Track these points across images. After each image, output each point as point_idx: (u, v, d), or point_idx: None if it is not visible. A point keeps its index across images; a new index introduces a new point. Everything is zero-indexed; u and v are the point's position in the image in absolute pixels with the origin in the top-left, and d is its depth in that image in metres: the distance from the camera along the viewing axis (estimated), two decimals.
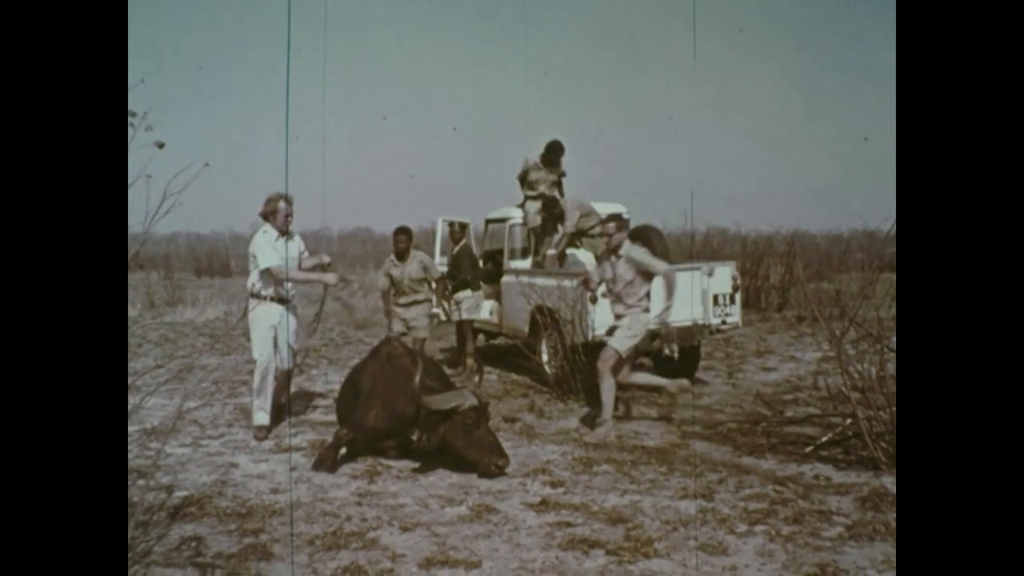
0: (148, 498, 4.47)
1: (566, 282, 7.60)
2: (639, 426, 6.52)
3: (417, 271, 7.72)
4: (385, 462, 5.49)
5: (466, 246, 9.12)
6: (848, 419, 5.56)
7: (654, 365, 8.26)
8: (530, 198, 8.93)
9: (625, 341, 6.31)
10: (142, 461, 5.10)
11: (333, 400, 7.27)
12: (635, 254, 6.36)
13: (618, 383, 6.42)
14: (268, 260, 6.04)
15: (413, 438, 5.28)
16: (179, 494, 4.82)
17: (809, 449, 5.57)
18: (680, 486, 4.91)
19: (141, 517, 4.06)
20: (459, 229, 9.19)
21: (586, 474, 5.22)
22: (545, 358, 8.07)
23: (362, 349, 10.48)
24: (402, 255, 7.74)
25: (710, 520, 4.35)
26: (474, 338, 9.30)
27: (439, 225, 10.12)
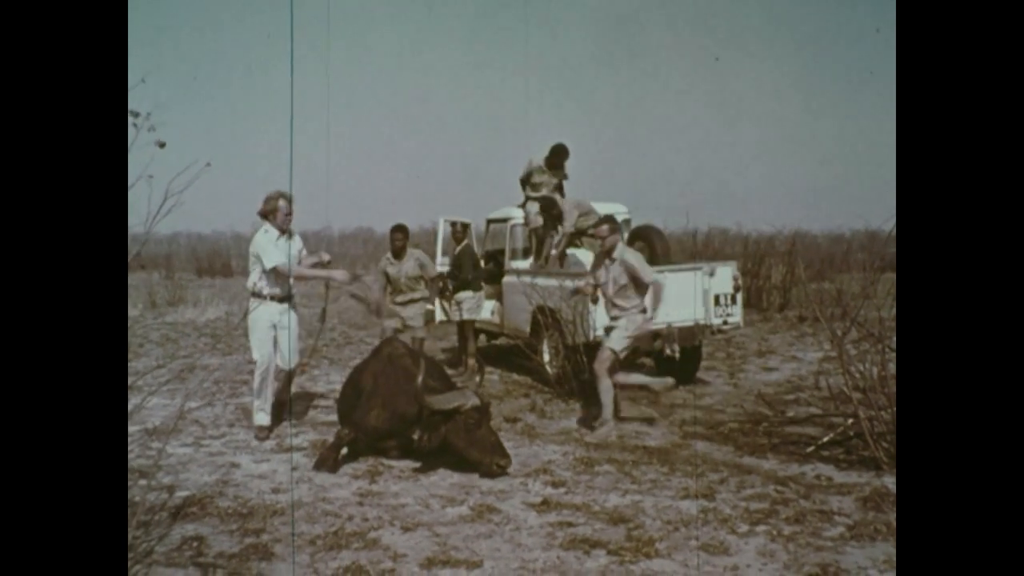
0: (150, 498, 4.48)
1: (567, 282, 7.60)
2: (640, 426, 6.51)
3: (414, 269, 7.71)
4: (386, 462, 5.49)
5: (468, 246, 9.11)
6: (850, 419, 5.56)
7: (655, 365, 8.27)
8: (531, 199, 8.92)
9: (622, 342, 6.31)
10: (144, 461, 5.11)
11: (334, 400, 7.27)
12: (628, 257, 6.33)
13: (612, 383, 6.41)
14: (273, 259, 6.03)
15: (414, 437, 5.28)
16: (180, 494, 4.82)
17: (810, 449, 5.57)
18: (681, 486, 4.91)
19: (143, 517, 4.06)
20: (461, 229, 9.18)
21: (587, 474, 5.22)
22: (546, 358, 8.07)
23: (363, 349, 10.48)
24: (399, 253, 7.75)
25: (711, 520, 4.35)
26: (476, 338, 9.30)
27: (440, 225, 10.11)
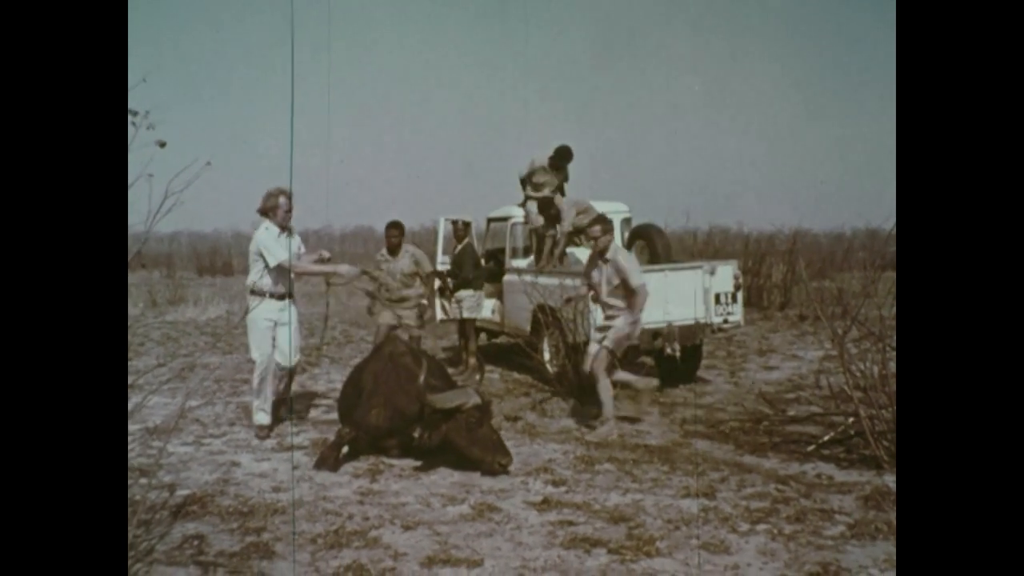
0: (150, 497, 4.47)
1: (567, 281, 7.60)
2: (641, 425, 6.51)
3: (408, 266, 7.66)
4: (387, 461, 5.49)
5: (469, 245, 9.11)
6: (850, 418, 5.56)
7: (656, 364, 8.26)
8: (532, 198, 8.92)
9: (620, 343, 6.31)
10: (144, 460, 5.11)
11: (335, 399, 7.28)
12: (619, 258, 6.32)
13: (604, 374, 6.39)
14: (278, 256, 6.01)
15: (415, 435, 5.28)
16: (181, 493, 4.82)
17: (811, 448, 5.57)
18: (682, 485, 4.91)
19: (143, 516, 4.06)
20: (463, 227, 9.17)
21: (588, 473, 5.22)
22: (547, 357, 8.07)
23: (364, 348, 10.48)
24: (394, 250, 7.70)
25: (712, 519, 4.34)
26: (476, 337, 9.30)
27: (441, 224, 10.10)
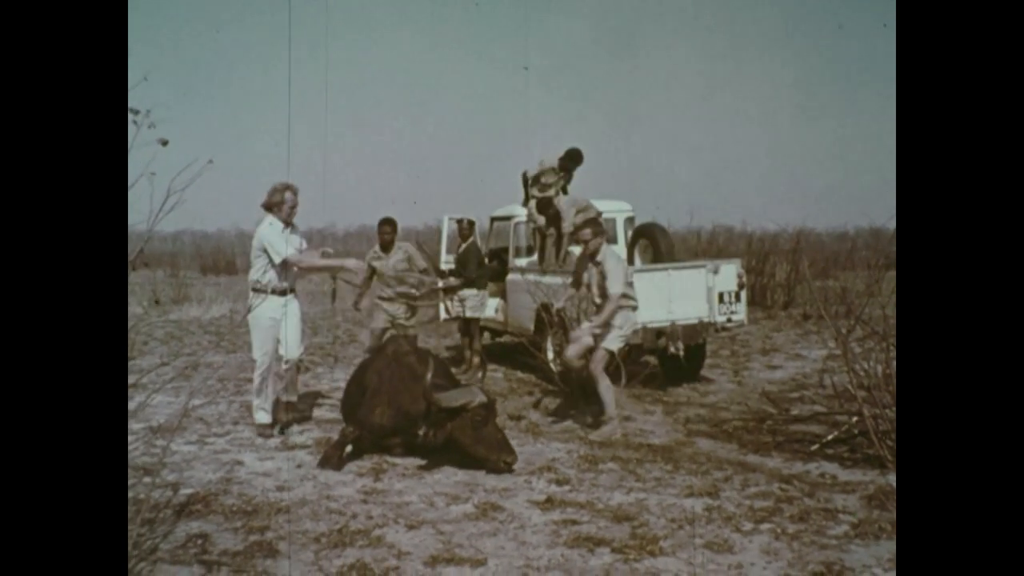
0: (154, 495, 4.47)
1: (570, 280, 7.58)
2: (645, 424, 6.51)
3: (402, 263, 7.51)
4: (391, 460, 5.49)
5: (473, 244, 9.11)
6: (854, 417, 5.55)
7: (660, 363, 8.26)
8: (534, 198, 8.92)
9: (616, 341, 6.30)
10: (148, 459, 5.11)
11: (339, 398, 7.28)
12: (607, 261, 6.28)
13: (576, 363, 6.38)
14: (282, 252, 5.99)
15: (419, 434, 5.28)
16: (185, 491, 4.83)
17: (815, 447, 5.56)
18: (686, 484, 4.90)
19: (147, 514, 4.06)
20: (467, 226, 9.17)
21: (592, 472, 5.21)
22: (551, 356, 8.06)
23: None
24: (386, 247, 7.54)
25: (716, 518, 4.34)
26: (480, 336, 9.29)
27: (445, 223, 10.09)
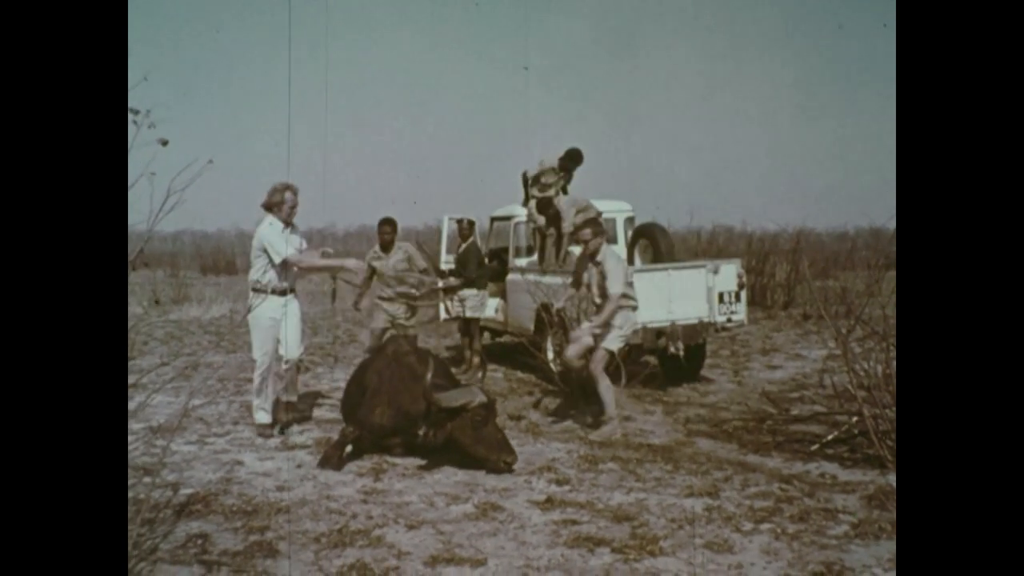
0: (154, 495, 4.47)
1: (571, 280, 7.59)
2: (645, 424, 6.51)
3: (402, 263, 7.48)
4: (391, 460, 5.49)
5: (473, 244, 9.11)
6: (854, 417, 5.55)
7: (660, 363, 8.26)
8: (534, 198, 8.92)
9: (616, 341, 6.31)
10: (148, 459, 5.11)
11: (339, 398, 7.27)
12: (607, 261, 6.27)
13: (575, 363, 6.40)
14: (282, 252, 5.98)
15: (419, 434, 5.28)
16: (185, 491, 4.83)
17: (815, 447, 5.56)
18: (686, 484, 4.90)
19: (147, 514, 4.06)
20: (467, 226, 9.16)
21: (592, 472, 5.21)
22: (551, 356, 8.06)
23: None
24: (386, 247, 7.50)
25: (716, 518, 4.34)
26: (480, 336, 9.29)
27: (445, 223, 10.09)
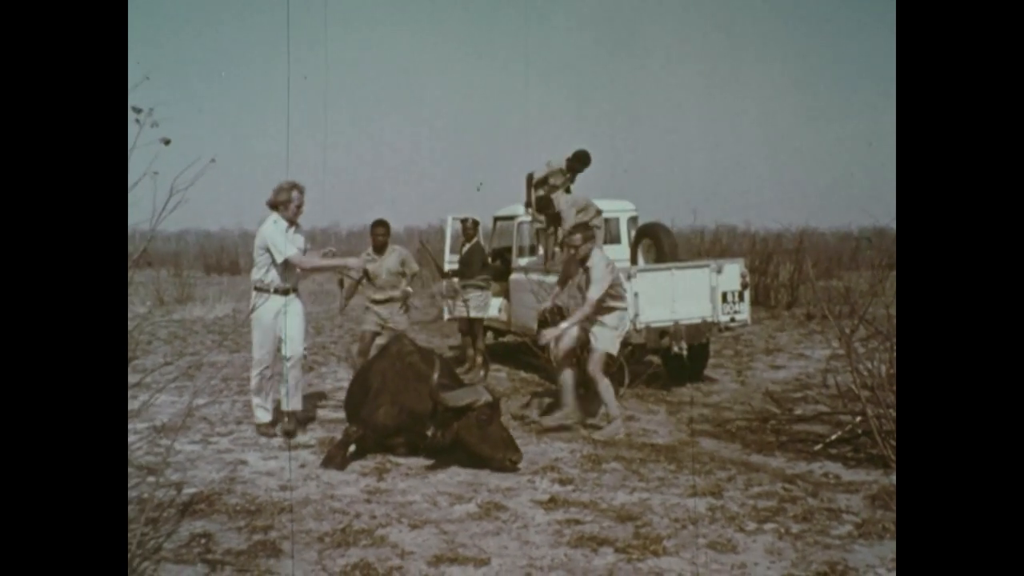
0: (158, 495, 4.49)
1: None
2: (648, 424, 6.51)
3: (395, 264, 7.40)
4: (394, 459, 5.49)
5: (478, 243, 9.11)
6: (857, 417, 5.55)
7: (663, 363, 8.26)
8: (539, 198, 8.91)
9: (614, 342, 6.31)
10: (152, 458, 5.12)
11: (339, 400, 7.28)
12: (595, 265, 6.22)
13: (574, 372, 6.43)
14: (285, 251, 5.96)
15: (428, 434, 5.28)
16: (188, 491, 4.83)
17: (818, 447, 5.56)
18: (689, 484, 4.90)
19: (151, 514, 4.07)
20: (471, 226, 9.16)
21: (595, 472, 5.21)
22: (553, 356, 8.05)
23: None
24: (380, 248, 7.44)
25: (719, 518, 4.34)
26: (483, 335, 9.29)
27: (449, 223, 10.09)
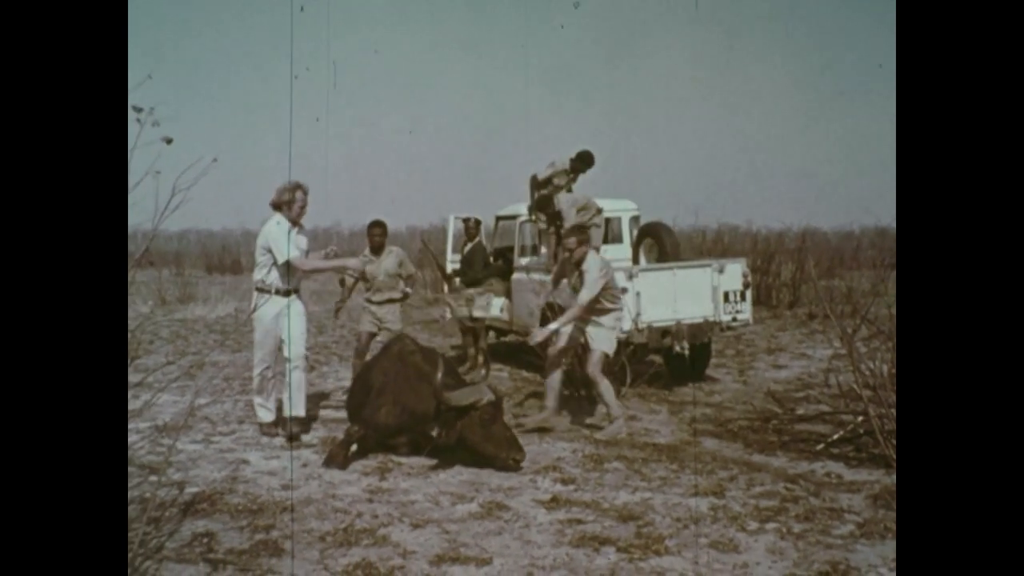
0: (160, 494, 4.49)
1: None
2: (650, 423, 6.51)
3: (393, 266, 7.32)
4: (396, 459, 5.49)
5: (480, 243, 9.11)
6: (859, 416, 5.55)
7: (665, 362, 8.25)
8: (540, 197, 8.90)
9: (611, 341, 6.31)
10: (154, 457, 5.13)
11: (339, 399, 7.28)
12: (590, 274, 6.18)
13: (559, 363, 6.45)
14: (286, 253, 5.94)
15: (433, 434, 5.28)
16: (190, 490, 4.84)
17: (820, 447, 5.55)
18: (691, 483, 4.90)
19: (153, 513, 4.08)
20: (474, 225, 9.16)
21: (597, 471, 5.21)
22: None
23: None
24: (377, 249, 7.35)
25: (721, 517, 4.34)
26: (485, 335, 9.29)
27: (451, 222, 10.08)
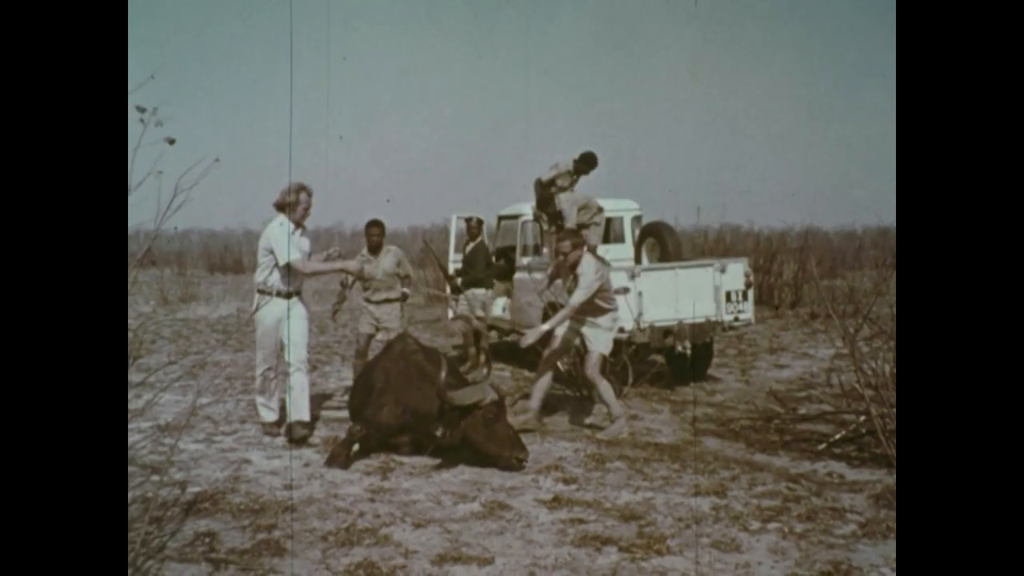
0: (162, 494, 4.50)
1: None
2: (651, 423, 6.51)
3: (391, 265, 7.33)
4: (398, 458, 5.50)
5: (482, 243, 9.11)
6: (861, 416, 5.54)
7: (667, 362, 8.25)
8: (540, 197, 8.90)
9: (608, 342, 6.31)
10: (156, 457, 5.14)
11: (340, 399, 7.29)
12: (584, 278, 6.14)
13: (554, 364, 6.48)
14: (288, 255, 5.92)
15: (437, 434, 5.28)
16: (192, 490, 4.84)
17: (822, 446, 5.55)
18: (693, 483, 4.90)
19: (155, 512, 4.08)
20: (476, 225, 9.15)
21: (599, 471, 5.21)
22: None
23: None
24: (375, 249, 7.35)
25: (723, 517, 4.34)
26: (487, 335, 9.29)
27: (453, 222, 10.08)
